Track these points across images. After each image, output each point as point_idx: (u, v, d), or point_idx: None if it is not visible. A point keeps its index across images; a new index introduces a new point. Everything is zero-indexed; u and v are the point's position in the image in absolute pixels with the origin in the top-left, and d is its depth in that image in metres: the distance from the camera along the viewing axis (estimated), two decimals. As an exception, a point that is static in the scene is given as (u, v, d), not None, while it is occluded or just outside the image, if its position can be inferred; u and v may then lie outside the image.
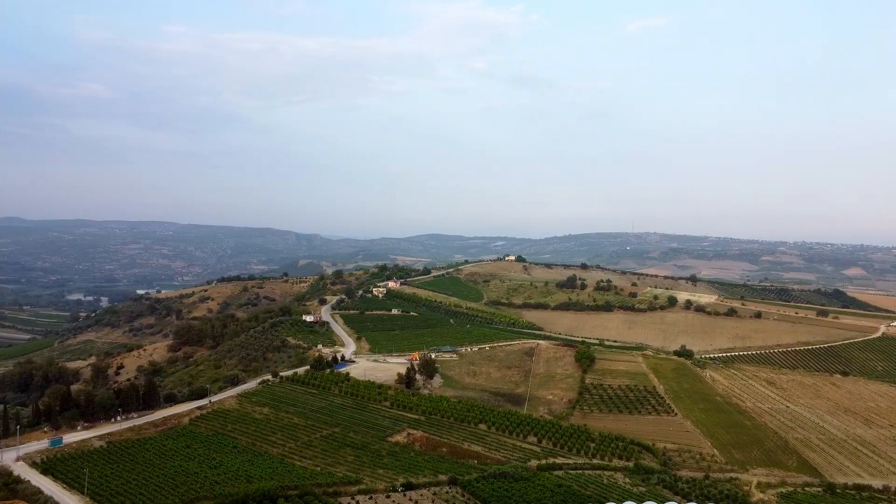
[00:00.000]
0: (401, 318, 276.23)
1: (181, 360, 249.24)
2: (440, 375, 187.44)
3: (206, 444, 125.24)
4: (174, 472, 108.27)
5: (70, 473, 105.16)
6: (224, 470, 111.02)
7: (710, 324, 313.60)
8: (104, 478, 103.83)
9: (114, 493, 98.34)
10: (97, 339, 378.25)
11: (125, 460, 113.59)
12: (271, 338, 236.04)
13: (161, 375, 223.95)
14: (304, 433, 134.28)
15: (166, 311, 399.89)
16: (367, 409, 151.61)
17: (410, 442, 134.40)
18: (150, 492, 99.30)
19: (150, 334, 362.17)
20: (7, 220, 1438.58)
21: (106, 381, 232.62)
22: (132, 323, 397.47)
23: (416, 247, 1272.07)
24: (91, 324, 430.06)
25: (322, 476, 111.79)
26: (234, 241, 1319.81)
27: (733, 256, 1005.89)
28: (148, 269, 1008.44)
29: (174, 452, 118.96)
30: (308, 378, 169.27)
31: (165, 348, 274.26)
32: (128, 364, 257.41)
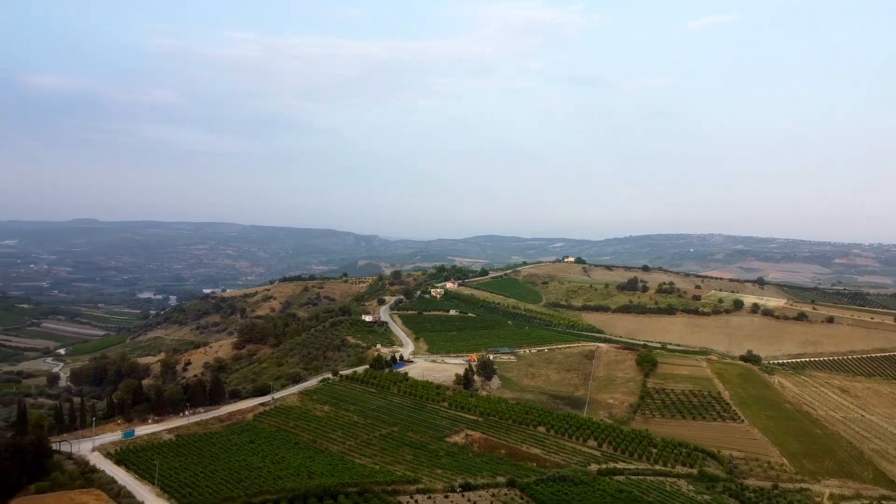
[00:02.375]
0: (459, 319, 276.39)
1: (245, 358, 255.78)
2: (498, 377, 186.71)
3: (268, 439, 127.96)
4: (238, 466, 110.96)
5: (141, 464, 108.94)
6: (286, 465, 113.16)
7: (779, 328, 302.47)
8: (173, 470, 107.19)
9: (182, 484, 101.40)
10: (166, 336, 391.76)
11: (192, 453, 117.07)
12: (331, 337, 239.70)
13: (226, 372, 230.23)
14: (363, 431, 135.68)
15: (231, 310, 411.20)
16: (425, 408, 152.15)
17: (469, 443, 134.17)
18: (215, 484, 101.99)
19: (215, 332, 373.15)
20: (83, 221, 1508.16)
21: (174, 377, 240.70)
22: (199, 321, 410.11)
23: (474, 248, 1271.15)
24: (160, 321, 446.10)
25: (381, 474, 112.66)
26: (295, 242, 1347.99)
27: (803, 259, 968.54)
28: (213, 269, 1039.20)
29: (238, 447, 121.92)
30: (367, 377, 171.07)
31: (230, 346, 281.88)
32: (195, 360, 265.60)
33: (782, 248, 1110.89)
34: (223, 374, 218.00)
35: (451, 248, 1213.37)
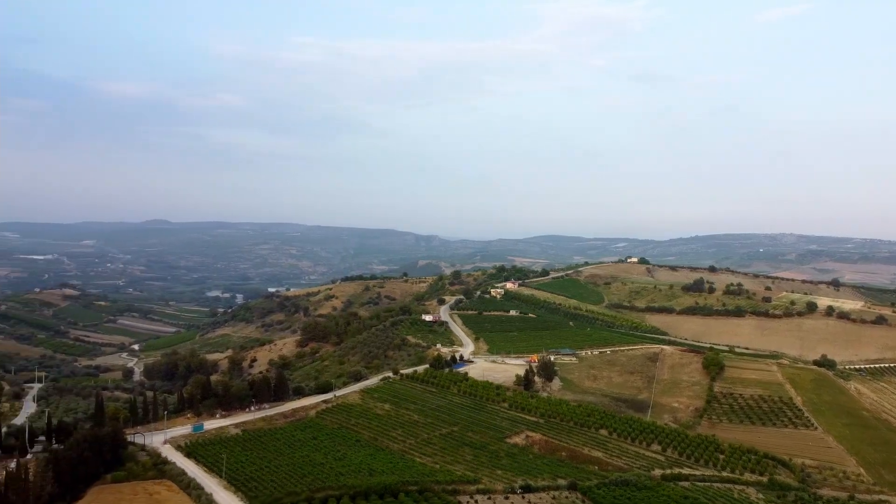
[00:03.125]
0: (519, 320, 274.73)
1: (308, 356, 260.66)
2: (559, 378, 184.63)
3: (331, 436, 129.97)
4: (302, 462, 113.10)
5: (210, 457, 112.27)
6: (348, 462, 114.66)
7: (856, 332, 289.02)
8: (239, 463, 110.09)
9: (248, 478, 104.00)
10: (233, 334, 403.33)
11: (258, 448, 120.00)
12: (392, 336, 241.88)
13: (290, 369, 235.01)
14: (423, 430, 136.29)
15: (294, 309, 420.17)
16: (485, 409, 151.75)
17: (529, 444, 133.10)
18: (279, 479, 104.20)
19: (279, 330, 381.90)
20: (156, 222, 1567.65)
21: (241, 373, 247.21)
22: (264, 319, 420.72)
23: (534, 248, 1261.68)
24: (227, 319, 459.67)
25: (441, 474, 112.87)
26: (357, 242, 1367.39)
27: (882, 259, 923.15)
28: (278, 269, 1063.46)
29: (302, 443, 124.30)
30: (427, 376, 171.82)
31: (294, 344, 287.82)
32: (260, 357, 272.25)
33: (859, 248, 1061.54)
34: (287, 371, 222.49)
35: (511, 248, 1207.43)
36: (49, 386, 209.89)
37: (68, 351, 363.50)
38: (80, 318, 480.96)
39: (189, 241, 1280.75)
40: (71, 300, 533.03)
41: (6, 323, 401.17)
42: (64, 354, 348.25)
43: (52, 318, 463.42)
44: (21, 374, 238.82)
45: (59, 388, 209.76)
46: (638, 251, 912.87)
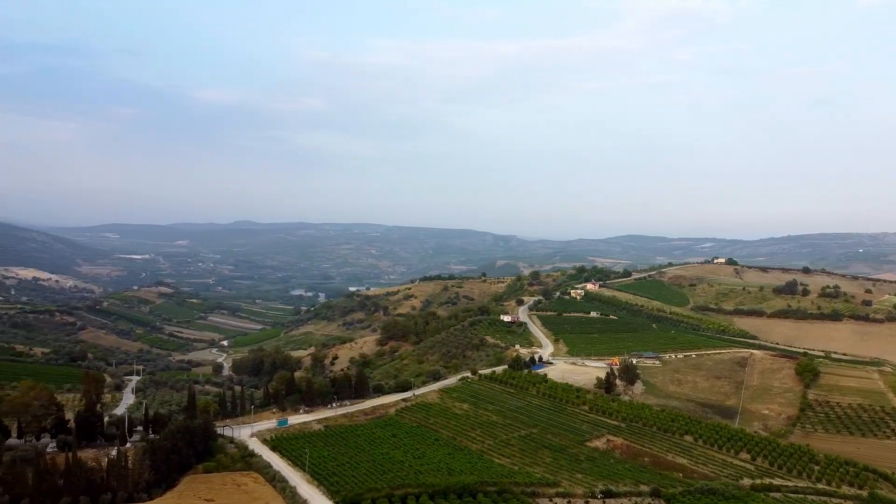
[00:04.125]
0: (599, 321, 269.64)
1: (388, 354, 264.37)
2: (641, 382, 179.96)
3: (410, 434, 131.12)
4: (381, 459, 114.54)
5: (293, 452, 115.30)
6: (427, 461, 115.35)
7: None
8: (322, 458, 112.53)
9: (330, 473, 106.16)
10: (315, 332, 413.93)
11: (339, 444, 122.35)
12: (470, 336, 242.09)
13: (370, 367, 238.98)
14: (502, 431, 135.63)
15: (374, 308, 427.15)
16: (564, 411, 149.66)
17: (610, 448, 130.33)
18: (360, 475, 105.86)
19: (360, 328, 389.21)
20: (243, 223, 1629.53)
21: (323, 370, 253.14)
22: (345, 317, 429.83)
23: (615, 248, 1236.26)
24: (310, 317, 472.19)
25: (520, 475, 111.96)
26: (435, 242, 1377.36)
27: None
28: (358, 268, 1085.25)
29: (382, 440, 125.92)
30: (506, 377, 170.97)
31: (374, 342, 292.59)
32: (341, 355, 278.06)
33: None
34: (367, 369, 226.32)
35: (592, 249, 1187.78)
36: (146, 379, 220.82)
37: (163, 346, 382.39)
38: (174, 315, 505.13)
39: (274, 242, 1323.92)
40: (166, 298, 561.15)
41: (108, 319, 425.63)
42: (159, 349, 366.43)
43: (149, 315, 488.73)
44: (121, 367, 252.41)
45: (155, 381, 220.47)
46: (725, 252, 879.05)
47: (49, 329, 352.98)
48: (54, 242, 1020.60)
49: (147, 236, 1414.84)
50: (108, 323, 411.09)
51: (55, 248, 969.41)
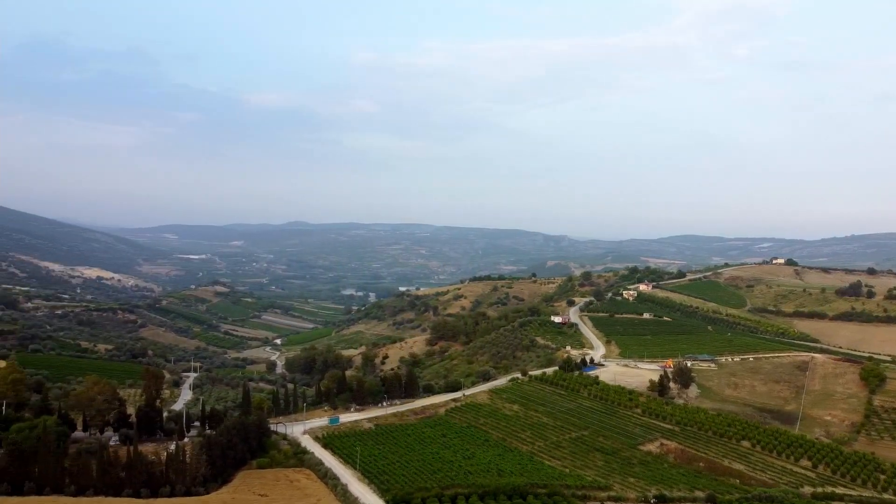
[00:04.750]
0: (653, 323, 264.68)
1: (437, 354, 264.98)
2: (696, 385, 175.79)
3: (459, 434, 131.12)
4: (432, 459, 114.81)
5: (345, 449, 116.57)
6: (477, 461, 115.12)
7: None
8: (372, 457, 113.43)
9: (380, 471, 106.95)
10: (366, 331, 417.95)
11: (389, 442, 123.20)
12: (520, 337, 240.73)
13: (419, 367, 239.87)
14: (552, 433, 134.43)
15: (424, 308, 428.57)
16: (616, 414, 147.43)
17: (664, 452, 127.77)
18: (410, 474, 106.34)
19: (410, 328, 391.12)
20: (296, 224, 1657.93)
21: (373, 369, 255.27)
22: (395, 317, 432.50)
23: (669, 248, 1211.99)
24: (361, 317, 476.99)
25: (571, 478, 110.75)
26: (485, 242, 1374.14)
27: None
28: (408, 268, 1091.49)
29: (432, 440, 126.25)
30: (556, 379, 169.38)
31: (424, 342, 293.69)
32: (391, 355, 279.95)
33: None
34: (417, 368, 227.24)
35: (645, 249, 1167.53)
36: (203, 375, 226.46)
37: (219, 343, 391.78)
38: (230, 314, 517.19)
39: (326, 242, 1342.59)
40: (221, 296, 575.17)
41: (167, 317, 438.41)
42: (215, 347, 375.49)
43: (206, 313, 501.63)
44: (179, 363, 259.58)
45: (211, 377, 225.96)
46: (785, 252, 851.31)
47: (112, 326, 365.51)
48: (117, 243, 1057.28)
49: (204, 237, 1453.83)
50: (167, 321, 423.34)
51: (118, 249, 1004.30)
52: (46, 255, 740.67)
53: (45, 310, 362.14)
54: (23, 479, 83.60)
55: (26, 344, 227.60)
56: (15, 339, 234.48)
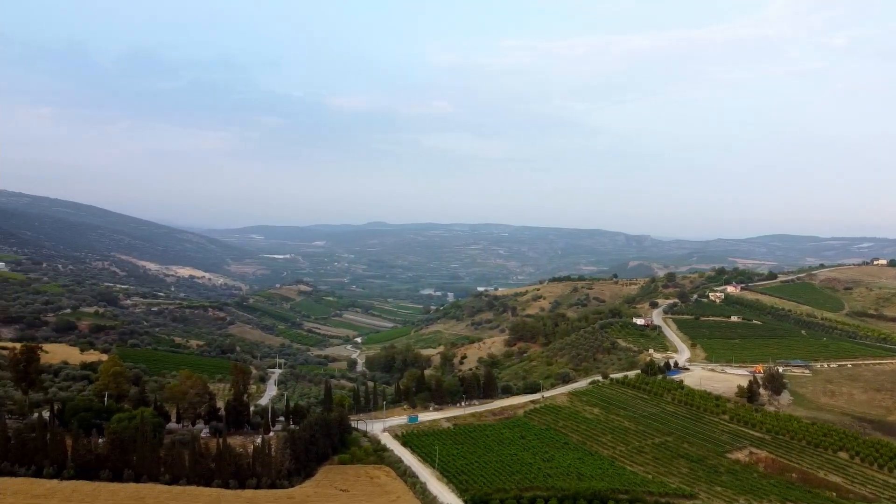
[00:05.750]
0: (741, 326, 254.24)
1: (516, 355, 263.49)
2: (788, 392, 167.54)
3: (538, 436, 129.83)
4: (510, 460, 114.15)
5: (423, 448, 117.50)
6: (556, 464, 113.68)
7: None
8: (450, 456, 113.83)
9: (458, 471, 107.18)
10: (444, 331, 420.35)
11: (468, 442, 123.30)
12: (601, 339, 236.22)
13: (498, 367, 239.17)
14: (634, 438, 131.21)
15: (502, 308, 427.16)
16: (702, 420, 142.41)
17: (753, 462, 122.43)
18: (488, 475, 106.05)
19: (488, 328, 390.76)
20: (375, 224, 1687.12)
21: (451, 369, 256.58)
22: (473, 317, 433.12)
23: (759, 248, 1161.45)
24: (439, 316, 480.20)
25: (654, 484, 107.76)
26: (564, 242, 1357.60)
27: None
28: (486, 268, 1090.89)
29: (510, 441, 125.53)
30: (639, 382, 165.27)
31: (502, 342, 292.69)
32: (470, 355, 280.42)
33: None
34: (495, 369, 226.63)
35: (732, 249, 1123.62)
36: (287, 372, 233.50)
37: (302, 341, 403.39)
38: (312, 312, 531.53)
39: (405, 242, 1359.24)
40: (305, 295, 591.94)
41: (253, 314, 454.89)
42: (299, 344, 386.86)
43: (290, 311, 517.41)
44: (265, 360, 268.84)
45: (295, 374, 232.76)
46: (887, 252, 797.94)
47: (203, 323, 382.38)
48: (207, 243, 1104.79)
49: (288, 237, 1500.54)
50: (253, 318, 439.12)
51: (208, 249, 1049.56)
52: (144, 254, 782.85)
53: (142, 307, 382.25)
54: (122, 466, 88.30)
55: (126, 339, 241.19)
56: (116, 335, 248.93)
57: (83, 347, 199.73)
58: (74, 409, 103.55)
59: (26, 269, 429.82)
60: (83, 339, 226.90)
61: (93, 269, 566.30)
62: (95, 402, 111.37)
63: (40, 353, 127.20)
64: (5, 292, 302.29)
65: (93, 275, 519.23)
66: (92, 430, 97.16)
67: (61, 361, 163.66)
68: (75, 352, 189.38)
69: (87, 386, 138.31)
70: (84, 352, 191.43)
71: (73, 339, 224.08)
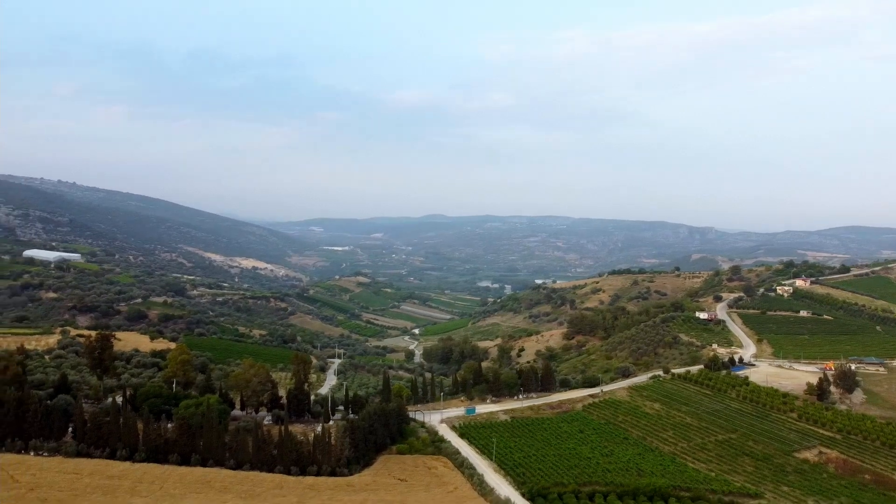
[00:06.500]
0: (811, 321, 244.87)
1: (574, 348, 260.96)
2: (861, 390, 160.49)
3: (597, 431, 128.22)
4: (568, 454, 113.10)
5: (481, 440, 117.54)
6: (615, 459, 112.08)
7: None
8: (508, 449, 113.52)
9: (516, 463, 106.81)
10: (502, 323, 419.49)
11: (525, 435, 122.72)
12: (662, 333, 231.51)
13: (556, 361, 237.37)
14: (696, 434, 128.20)
15: (561, 301, 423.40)
16: (768, 417, 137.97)
17: (823, 462, 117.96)
18: (546, 468, 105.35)
19: (546, 321, 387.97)
20: (433, 217, 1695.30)
21: (509, 362, 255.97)
22: (531, 310, 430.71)
23: (831, 241, 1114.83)
24: (497, 308, 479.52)
25: (717, 482, 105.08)
26: (624, 235, 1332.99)
27: None
28: (544, 261, 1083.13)
29: (568, 435, 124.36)
30: (702, 378, 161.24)
31: (560, 335, 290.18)
32: (527, 347, 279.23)
33: None
34: (553, 362, 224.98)
35: (802, 241, 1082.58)
36: (346, 362, 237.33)
37: (361, 332, 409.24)
38: (371, 303, 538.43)
39: (462, 234, 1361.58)
40: (363, 287, 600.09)
41: (313, 305, 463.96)
42: (357, 335, 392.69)
43: (349, 302, 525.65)
44: (325, 350, 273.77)
45: (353, 364, 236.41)
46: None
47: (265, 313, 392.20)
48: (269, 235, 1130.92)
49: (347, 230, 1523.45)
50: (313, 309, 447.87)
51: (270, 241, 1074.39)
52: (209, 246, 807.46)
53: (208, 297, 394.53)
54: (190, 451, 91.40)
55: (192, 328, 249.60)
56: (183, 324, 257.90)
57: (153, 336, 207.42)
58: (145, 395, 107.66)
59: (100, 261, 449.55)
60: (153, 327, 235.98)
61: (161, 261, 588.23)
62: (164, 388, 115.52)
63: (114, 340, 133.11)
64: (82, 282, 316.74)
65: (161, 266, 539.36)
66: (161, 416, 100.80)
67: (133, 349, 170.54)
68: (146, 340, 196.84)
69: (156, 373, 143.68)
70: (154, 340, 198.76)
71: (143, 328, 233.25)
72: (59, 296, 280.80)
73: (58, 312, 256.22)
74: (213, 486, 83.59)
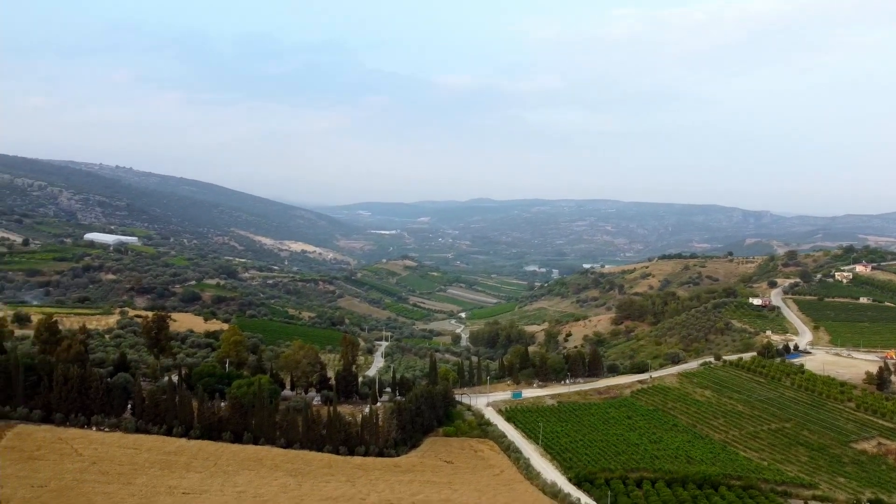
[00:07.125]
0: (871, 308, 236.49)
1: (622, 334, 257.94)
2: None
3: (645, 417, 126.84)
4: (616, 440, 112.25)
5: (527, 424, 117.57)
6: (664, 446, 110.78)
7: None
8: (554, 434, 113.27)
9: (562, 448, 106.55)
10: (549, 307, 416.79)
11: (572, 420, 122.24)
12: (714, 319, 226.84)
13: (603, 346, 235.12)
14: (748, 423, 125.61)
15: (609, 286, 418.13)
16: (824, 407, 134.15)
17: (882, 453, 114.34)
18: (593, 454, 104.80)
19: (594, 306, 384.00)
20: (480, 200, 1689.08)
21: (556, 346, 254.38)
22: (578, 294, 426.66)
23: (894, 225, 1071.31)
24: (544, 293, 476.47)
25: (769, 472, 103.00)
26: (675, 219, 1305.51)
27: None
28: (592, 245, 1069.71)
29: (616, 421, 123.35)
30: (754, 365, 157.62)
31: (608, 321, 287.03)
32: (575, 332, 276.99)
33: None
34: (601, 347, 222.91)
35: (863, 226, 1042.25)
36: (393, 345, 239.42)
37: (408, 315, 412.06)
38: (417, 287, 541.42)
39: (509, 218, 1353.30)
40: (410, 270, 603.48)
41: (361, 288, 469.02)
42: (404, 318, 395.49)
43: (396, 286, 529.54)
44: (372, 332, 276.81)
45: (400, 347, 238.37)
46: None
47: (314, 296, 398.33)
48: (318, 219, 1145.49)
49: (394, 213, 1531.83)
50: (361, 292, 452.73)
51: (319, 225, 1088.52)
52: (260, 230, 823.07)
53: (259, 279, 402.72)
54: (242, 429, 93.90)
55: (244, 310, 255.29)
56: (235, 305, 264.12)
57: (206, 317, 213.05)
58: (199, 375, 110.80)
59: (156, 244, 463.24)
60: (206, 309, 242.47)
61: (214, 244, 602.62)
62: (218, 368, 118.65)
63: (169, 321, 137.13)
64: (139, 265, 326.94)
65: (214, 249, 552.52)
66: (215, 395, 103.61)
67: (187, 329, 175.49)
68: (199, 321, 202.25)
69: (210, 353, 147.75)
70: (207, 321, 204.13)
71: (197, 309, 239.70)
72: (118, 277, 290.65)
73: (117, 293, 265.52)
74: (265, 464, 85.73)
